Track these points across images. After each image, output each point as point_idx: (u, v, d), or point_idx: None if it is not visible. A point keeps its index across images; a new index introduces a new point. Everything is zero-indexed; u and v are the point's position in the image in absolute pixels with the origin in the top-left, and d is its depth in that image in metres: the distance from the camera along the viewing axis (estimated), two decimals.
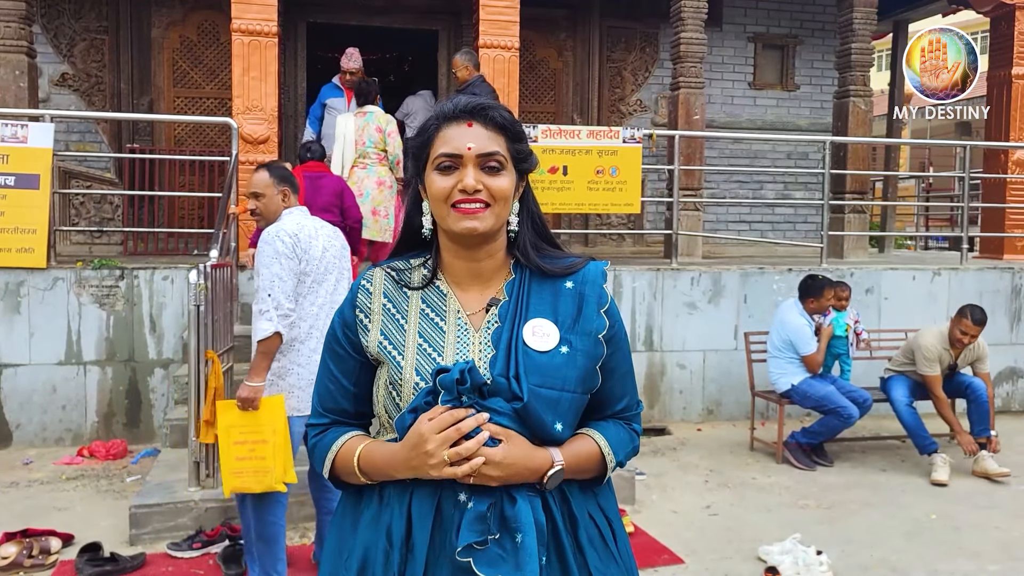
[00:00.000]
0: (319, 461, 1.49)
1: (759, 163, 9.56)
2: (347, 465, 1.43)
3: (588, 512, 1.44)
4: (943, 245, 14.19)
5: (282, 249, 3.26)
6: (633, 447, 1.52)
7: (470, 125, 1.40)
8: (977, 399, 5.54)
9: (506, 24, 6.90)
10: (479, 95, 5.94)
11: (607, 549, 1.44)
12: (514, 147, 1.43)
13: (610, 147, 6.64)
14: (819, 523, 4.48)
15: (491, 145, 1.40)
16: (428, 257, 1.49)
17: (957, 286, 7.14)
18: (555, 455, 1.37)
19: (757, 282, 6.74)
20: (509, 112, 1.46)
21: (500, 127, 1.42)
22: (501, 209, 1.41)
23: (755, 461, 5.64)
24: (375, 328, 1.45)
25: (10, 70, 6.30)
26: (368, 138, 6.11)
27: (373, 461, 1.40)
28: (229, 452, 3.38)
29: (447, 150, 1.39)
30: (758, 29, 9.63)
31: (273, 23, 6.45)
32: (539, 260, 1.46)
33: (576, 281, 1.46)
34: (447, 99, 1.49)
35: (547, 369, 1.38)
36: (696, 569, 3.87)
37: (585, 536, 1.41)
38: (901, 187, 15.10)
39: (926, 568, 3.92)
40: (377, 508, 1.41)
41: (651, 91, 9.41)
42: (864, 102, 8.03)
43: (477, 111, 1.42)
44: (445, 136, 1.41)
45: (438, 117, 1.44)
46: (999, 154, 8.41)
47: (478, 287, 1.47)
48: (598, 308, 1.45)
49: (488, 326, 1.43)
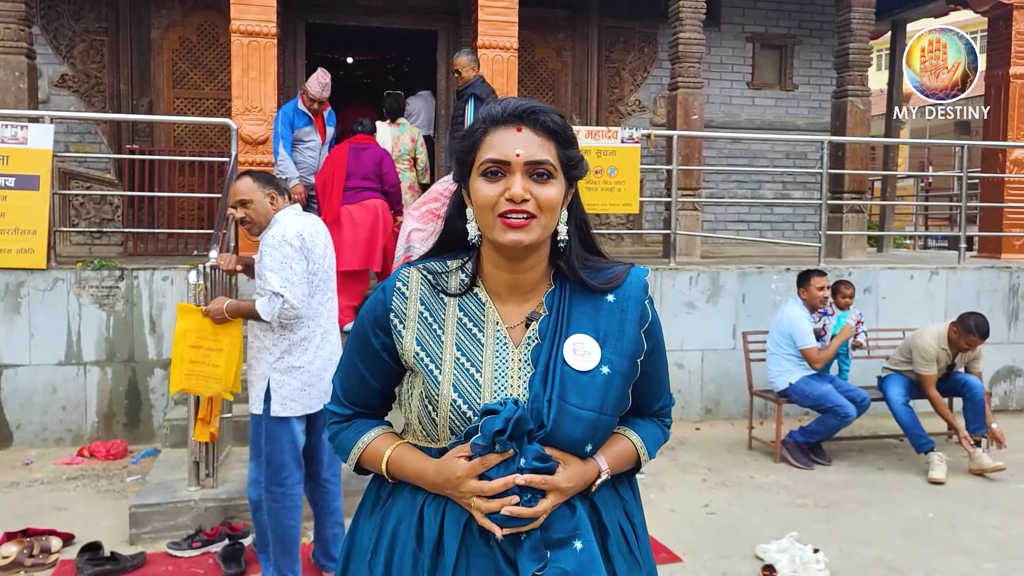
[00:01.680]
0: (343, 452, 1.49)
1: (757, 163, 9.58)
2: (374, 465, 1.44)
3: (618, 521, 1.44)
4: (942, 244, 14.20)
5: (291, 253, 3.25)
6: (663, 442, 1.56)
7: (519, 130, 1.34)
8: (973, 397, 5.56)
9: (505, 24, 6.91)
10: (480, 95, 5.96)
11: (632, 556, 1.44)
12: (564, 153, 1.37)
13: (608, 147, 6.66)
14: (817, 522, 4.50)
15: (541, 152, 1.33)
16: (466, 260, 1.44)
17: (955, 285, 7.16)
18: (601, 464, 1.39)
19: (755, 282, 6.76)
20: (560, 116, 1.38)
21: (551, 132, 1.35)
22: (548, 220, 1.35)
23: (753, 460, 5.66)
24: (410, 335, 1.40)
25: (10, 71, 6.32)
26: (403, 147, 6.77)
27: (404, 470, 1.40)
28: (183, 355, 3.57)
29: (494, 156, 1.33)
30: (756, 29, 9.65)
31: (272, 24, 6.47)
32: (583, 275, 1.41)
33: (618, 296, 1.42)
34: (496, 101, 1.40)
35: (587, 390, 1.35)
36: (694, 568, 3.89)
37: (614, 545, 1.41)
38: (900, 187, 15.13)
39: (923, 566, 3.94)
40: (409, 504, 1.40)
41: (650, 91, 9.43)
42: (862, 102, 8.04)
43: (527, 115, 1.35)
44: (492, 141, 1.34)
45: (485, 120, 1.37)
46: (997, 153, 8.42)
47: (517, 298, 1.42)
48: (639, 327, 1.42)
49: (528, 342, 1.39)
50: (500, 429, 1.27)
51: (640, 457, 1.47)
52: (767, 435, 5.98)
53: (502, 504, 1.28)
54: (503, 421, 1.27)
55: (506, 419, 1.27)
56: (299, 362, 3.33)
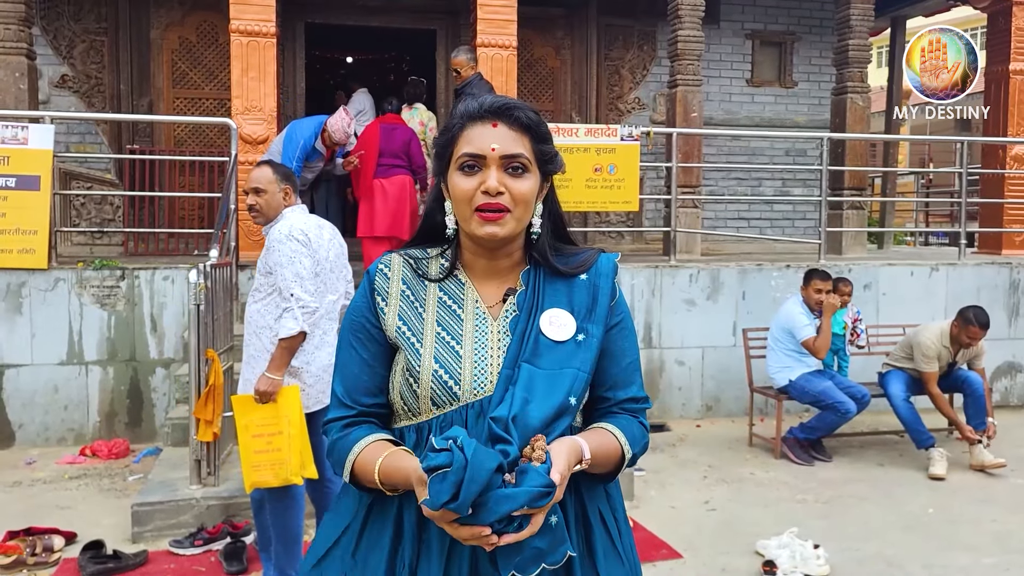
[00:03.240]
0: (338, 463, 1.41)
1: (757, 160, 9.58)
2: (366, 473, 1.37)
3: (601, 516, 1.44)
4: (943, 241, 14.20)
5: (298, 248, 3.27)
6: (644, 443, 1.48)
7: (495, 125, 1.38)
8: (974, 393, 5.56)
9: (504, 23, 6.91)
10: (477, 94, 5.96)
11: (615, 550, 1.45)
12: (539, 148, 1.41)
13: (608, 145, 6.66)
14: (817, 517, 4.51)
15: (515, 147, 1.38)
16: (446, 248, 1.49)
17: (955, 281, 7.16)
18: (584, 449, 1.32)
19: (755, 279, 6.76)
20: (535, 112, 1.43)
21: (525, 127, 1.40)
22: (522, 212, 1.40)
23: (753, 457, 5.67)
24: (392, 312, 1.44)
25: (10, 72, 6.33)
26: (414, 128, 6.83)
27: (392, 479, 1.34)
28: (248, 446, 3.35)
29: (471, 150, 1.38)
30: (756, 26, 9.64)
31: (271, 23, 6.47)
32: (555, 262, 1.46)
33: (590, 275, 1.47)
34: (471, 98, 1.45)
35: (561, 356, 1.38)
36: (694, 563, 3.89)
37: (598, 540, 1.42)
38: (900, 183, 15.12)
39: (923, 562, 3.94)
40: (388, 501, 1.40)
41: (649, 89, 9.43)
42: (862, 98, 8.04)
43: (502, 111, 1.39)
44: (469, 136, 1.39)
45: (463, 116, 1.41)
46: (997, 149, 8.42)
47: (496, 281, 1.47)
48: (610, 300, 1.47)
49: (506, 315, 1.44)
50: (448, 499, 1.16)
51: (623, 451, 1.41)
52: (767, 432, 5.99)
53: (483, 539, 1.20)
54: (451, 488, 1.15)
55: (454, 484, 1.15)
56: (297, 362, 3.34)
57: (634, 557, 1.50)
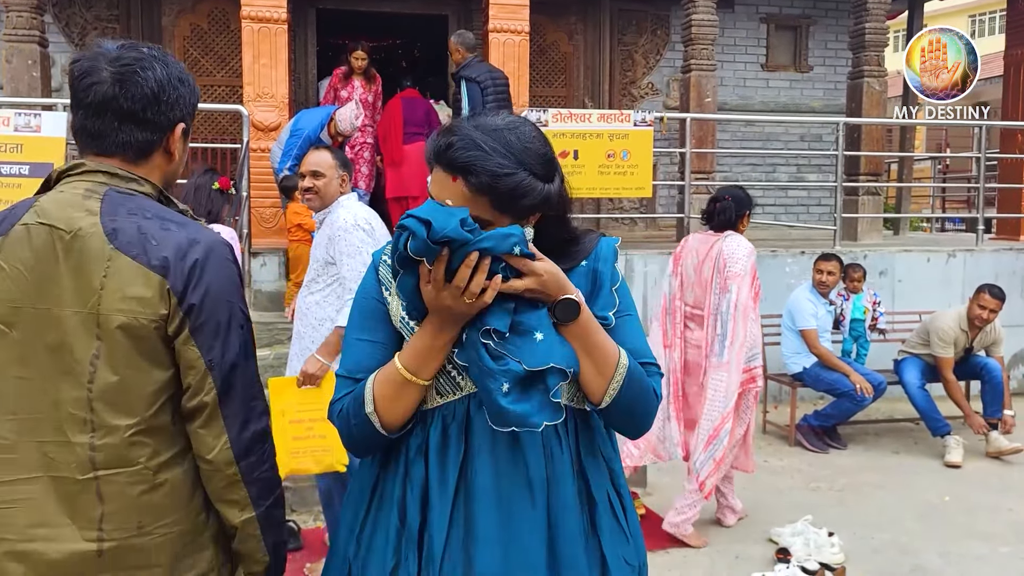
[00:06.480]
0: (357, 408, 1.38)
1: (772, 146, 9.50)
2: (391, 380, 1.36)
3: (606, 492, 1.45)
4: (959, 227, 14.06)
5: (364, 238, 3.21)
6: (647, 397, 1.41)
7: (454, 180, 1.33)
8: (992, 379, 5.51)
9: (516, 8, 6.87)
10: (474, 76, 5.93)
11: (619, 528, 1.45)
12: (502, 204, 1.33)
13: (621, 131, 6.61)
14: (831, 505, 4.49)
15: (472, 208, 1.31)
16: None
17: (972, 268, 7.08)
18: (577, 293, 1.35)
19: (770, 265, 6.70)
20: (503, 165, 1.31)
21: (481, 191, 1.31)
22: None
23: (768, 444, 5.64)
24: (396, 302, 1.43)
25: (23, 60, 6.34)
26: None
27: (413, 350, 1.36)
28: (285, 431, 3.23)
29: (434, 192, 1.35)
30: (770, 10, 9.53)
31: (283, 9, 6.45)
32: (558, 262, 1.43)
33: (589, 260, 1.47)
34: (444, 131, 1.38)
35: None
36: (708, 551, 3.88)
37: (602, 517, 1.42)
38: (917, 168, 14.95)
39: (938, 550, 3.92)
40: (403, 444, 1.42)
41: (662, 74, 9.35)
42: (878, 82, 7.95)
43: (463, 169, 1.32)
44: (436, 175, 1.36)
45: (435, 150, 1.36)
46: (1016, 134, 8.31)
47: None
48: (611, 286, 1.46)
49: None
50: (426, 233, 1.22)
51: (621, 358, 1.37)
52: (782, 419, 5.95)
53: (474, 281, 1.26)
54: (423, 226, 1.23)
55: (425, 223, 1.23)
56: None
57: (639, 535, 1.50)
